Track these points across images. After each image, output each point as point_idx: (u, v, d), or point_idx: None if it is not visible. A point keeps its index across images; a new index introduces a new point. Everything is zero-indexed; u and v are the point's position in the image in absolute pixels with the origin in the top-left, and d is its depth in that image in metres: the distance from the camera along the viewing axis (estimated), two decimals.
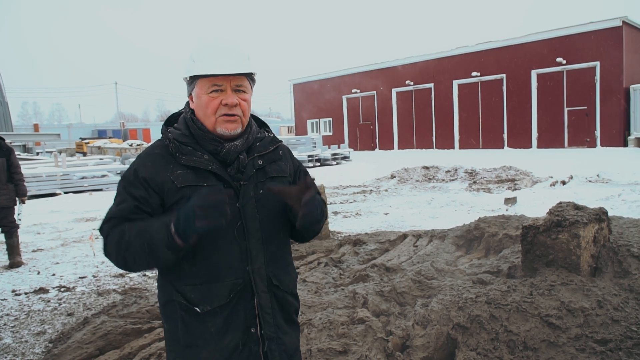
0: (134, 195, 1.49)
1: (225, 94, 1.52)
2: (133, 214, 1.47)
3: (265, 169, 1.61)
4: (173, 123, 1.66)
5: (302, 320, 3.02)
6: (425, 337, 2.75)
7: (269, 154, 1.64)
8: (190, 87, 1.57)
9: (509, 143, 28.10)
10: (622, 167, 13.05)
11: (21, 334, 4.08)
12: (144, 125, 58.40)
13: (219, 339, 1.52)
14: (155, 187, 1.49)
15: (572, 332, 2.55)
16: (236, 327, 1.53)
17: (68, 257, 6.79)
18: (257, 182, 1.58)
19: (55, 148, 32.19)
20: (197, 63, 1.51)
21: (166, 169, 1.51)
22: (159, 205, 1.50)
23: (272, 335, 1.57)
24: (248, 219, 1.53)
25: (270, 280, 1.58)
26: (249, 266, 1.53)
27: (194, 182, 1.49)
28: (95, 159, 21.33)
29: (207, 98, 1.52)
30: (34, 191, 13.99)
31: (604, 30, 24.21)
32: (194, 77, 1.54)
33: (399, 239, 5.87)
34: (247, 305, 1.54)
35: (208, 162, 1.51)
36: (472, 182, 13.30)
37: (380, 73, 34.35)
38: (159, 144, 1.58)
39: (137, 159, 1.58)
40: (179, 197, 1.48)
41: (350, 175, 17.04)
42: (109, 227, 1.49)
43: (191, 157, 1.51)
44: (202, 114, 1.54)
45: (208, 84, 1.51)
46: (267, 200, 1.58)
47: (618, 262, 3.04)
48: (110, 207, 1.53)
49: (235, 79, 1.53)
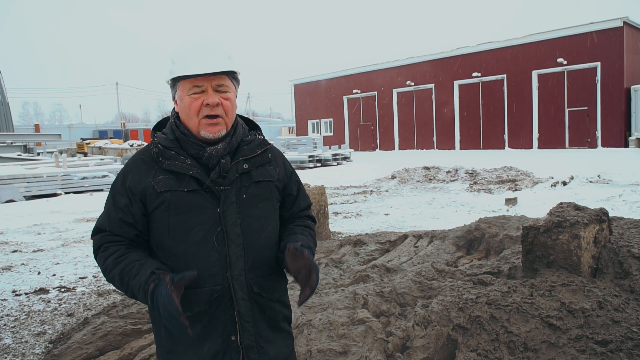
0: (118, 205, 1.52)
1: (206, 94, 1.49)
2: (118, 228, 1.51)
3: (250, 173, 1.57)
4: (162, 127, 1.65)
5: (302, 321, 3.02)
6: (426, 337, 2.75)
7: (255, 157, 1.59)
8: (174, 89, 1.56)
9: (510, 143, 28.08)
10: (623, 167, 13.03)
11: (21, 334, 4.08)
12: (145, 126, 58.44)
13: (199, 346, 1.50)
14: (138, 194, 1.50)
15: (572, 333, 2.54)
16: (216, 335, 1.50)
17: (68, 257, 6.79)
18: (240, 186, 1.54)
19: (56, 148, 32.24)
20: (177, 64, 1.50)
21: (148, 174, 1.51)
22: (142, 214, 1.51)
23: (251, 344, 1.53)
24: (228, 225, 1.50)
25: (251, 287, 1.53)
26: (228, 272, 1.50)
27: (174, 187, 1.48)
28: (96, 159, 21.36)
29: (188, 99, 1.50)
30: (35, 191, 14.02)
31: (605, 30, 24.19)
32: (176, 80, 1.52)
33: (399, 239, 5.87)
34: (227, 312, 1.51)
35: (189, 167, 1.49)
36: (473, 182, 13.29)
37: (381, 73, 34.35)
38: (144, 150, 1.59)
39: (124, 165, 1.59)
40: (160, 202, 1.48)
41: (350, 176, 17.04)
42: (97, 243, 1.54)
43: (173, 161, 1.50)
44: (186, 115, 1.53)
45: (189, 85, 1.50)
46: (250, 205, 1.54)
47: (619, 263, 3.03)
48: (101, 214, 1.58)
49: (215, 78, 1.50)
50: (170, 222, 1.48)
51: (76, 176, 15.11)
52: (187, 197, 1.48)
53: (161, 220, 1.49)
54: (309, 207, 1.79)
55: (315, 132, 39.23)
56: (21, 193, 13.69)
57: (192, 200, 1.48)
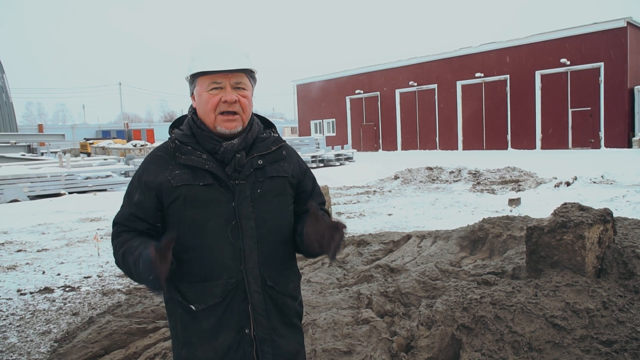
0: (132, 201, 1.56)
1: (224, 91, 1.53)
2: (129, 222, 1.56)
3: (265, 169, 1.59)
4: (180, 125, 1.68)
5: (307, 321, 3.02)
6: (430, 337, 2.75)
7: (270, 154, 1.62)
8: (192, 85, 1.59)
9: (513, 144, 28.04)
10: (627, 168, 12.99)
11: (27, 333, 4.10)
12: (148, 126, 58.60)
13: (213, 338, 1.53)
14: (154, 189, 1.53)
15: (577, 333, 2.54)
16: (230, 327, 1.53)
17: (73, 257, 6.81)
18: (255, 181, 1.56)
19: (59, 148, 32.32)
20: (197, 61, 1.53)
21: (165, 169, 1.54)
22: (155, 209, 1.54)
23: (264, 337, 1.55)
24: (243, 219, 1.53)
25: (265, 280, 1.55)
26: (242, 265, 1.53)
27: (190, 182, 1.51)
28: (100, 159, 21.43)
29: (207, 95, 1.53)
30: (39, 191, 14.07)
31: (608, 31, 24.13)
32: (195, 76, 1.56)
33: (402, 239, 5.87)
34: (241, 305, 1.53)
35: (205, 161, 1.52)
36: (476, 183, 13.28)
37: (384, 74, 34.35)
38: (162, 146, 1.62)
39: (143, 161, 1.63)
40: (176, 197, 1.51)
41: (353, 176, 17.04)
42: (114, 234, 1.60)
43: (190, 156, 1.53)
44: (203, 111, 1.56)
45: (208, 82, 1.53)
46: (264, 200, 1.57)
47: (623, 263, 3.03)
48: (120, 208, 1.62)
49: (234, 76, 1.54)
50: (186, 215, 1.51)
51: (80, 176, 15.17)
52: (203, 191, 1.51)
53: (177, 214, 1.52)
54: (323, 204, 1.82)
55: (318, 132, 39.25)
56: (25, 193, 13.75)
57: (207, 194, 1.51)
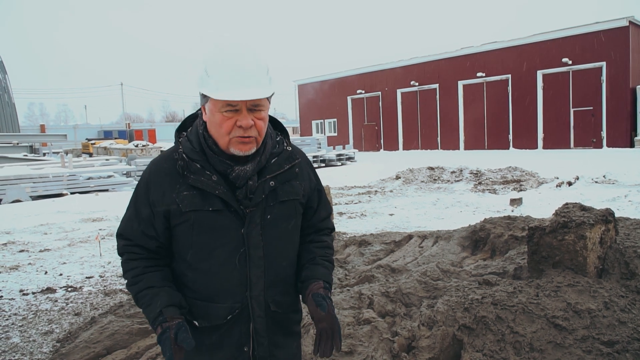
0: (140, 216, 1.50)
1: (240, 114, 1.40)
2: (139, 239, 1.51)
3: (276, 191, 1.52)
4: (188, 127, 1.59)
5: (308, 322, 3.03)
6: (431, 338, 2.75)
7: (283, 173, 1.54)
8: (204, 99, 1.45)
9: (515, 144, 28.00)
10: (629, 168, 12.97)
11: (29, 333, 4.11)
12: (150, 126, 58.62)
13: (212, 354, 1.54)
14: (162, 211, 1.48)
15: (578, 333, 2.54)
16: (230, 344, 1.54)
17: (75, 257, 6.83)
18: (265, 206, 1.51)
19: (61, 149, 32.41)
20: (212, 80, 1.39)
21: (172, 189, 1.46)
22: (165, 228, 1.50)
23: (264, 355, 1.57)
24: (251, 247, 1.49)
25: (269, 306, 1.55)
26: (248, 292, 1.52)
27: (199, 207, 1.45)
28: (102, 159, 21.45)
29: (220, 117, 1.40)
30: (41, 191, 14.10)
31: (610, 30, 24.09)
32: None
33: (404, 239, 5.87)
34: (243, 327, 1.54)
35: (216, 185, 1.44)
36: (478, 183, 13.27)
37: (385, 73, 34.34)
38: (169, 157, 1.52)
39: (148, 171, 1.54)
40: (184, 220, 1.47)
41: (355, 176, 17.05)
42: (120, 250, 1.56)
43: (199, 177, 1.45)
44: (215, 132, 1.44)
45: (222, 103, 1.39)
46: (273, 226, 1.53)
47: (625, 263, 3.03)
48: (124, 217, 1.56)
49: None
50: (194, 240, 1.48)
51: (82, 176, 15.19)
52: (212, 217, 1.46)
53: (184, 237, 1.49)
54: (329, 215, 1.76)
55: (319, 132, 39.25)
56: (27, 193, 13.78)
57: (216, 220, 1.46)
